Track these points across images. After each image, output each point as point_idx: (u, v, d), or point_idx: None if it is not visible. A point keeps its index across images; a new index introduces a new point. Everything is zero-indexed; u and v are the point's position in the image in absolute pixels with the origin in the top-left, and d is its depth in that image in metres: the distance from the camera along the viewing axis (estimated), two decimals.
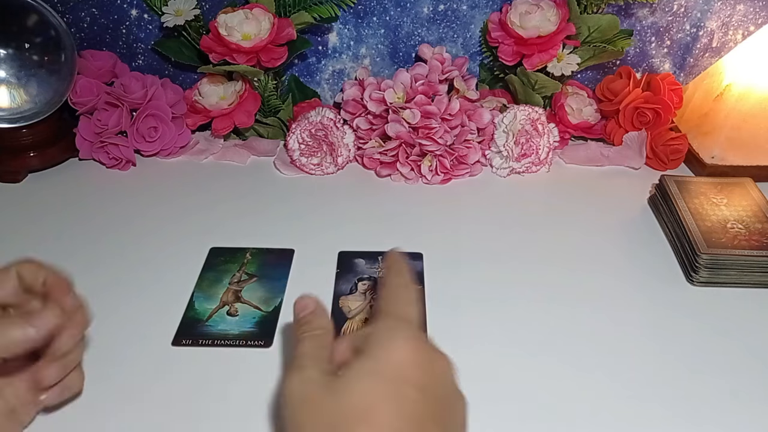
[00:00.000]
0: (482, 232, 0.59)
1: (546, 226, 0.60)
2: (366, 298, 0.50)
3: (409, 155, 0.65)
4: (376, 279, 0.52)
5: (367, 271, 0.53)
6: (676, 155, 0.67)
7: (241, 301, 0.51)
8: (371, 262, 0.54)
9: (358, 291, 0.51)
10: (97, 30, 0.70)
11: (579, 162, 0.70)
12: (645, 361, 0.46)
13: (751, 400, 0.43)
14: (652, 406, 0.42)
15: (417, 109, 0.62)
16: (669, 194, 0.59)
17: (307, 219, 0.60)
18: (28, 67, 0.62)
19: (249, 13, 0.63)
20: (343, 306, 0.50)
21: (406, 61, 0.73)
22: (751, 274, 0.52)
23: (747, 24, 0.71)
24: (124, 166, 0.67)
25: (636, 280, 0.53)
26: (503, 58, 0.67)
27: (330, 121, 0.66)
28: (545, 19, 0.64)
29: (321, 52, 0.73)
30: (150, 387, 0.43)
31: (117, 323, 0.48)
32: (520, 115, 0.65)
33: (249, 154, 0.70)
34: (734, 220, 0.55)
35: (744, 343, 0.47)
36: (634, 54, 0.74)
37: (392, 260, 0.40)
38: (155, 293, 0.52)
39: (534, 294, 0.52)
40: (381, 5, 0.69)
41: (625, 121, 0.68)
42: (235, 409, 0.42)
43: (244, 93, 0.67)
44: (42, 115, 0.62)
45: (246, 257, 0.55)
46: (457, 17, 0.71)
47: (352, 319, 0.49)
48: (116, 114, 0.65)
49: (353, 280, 0.52)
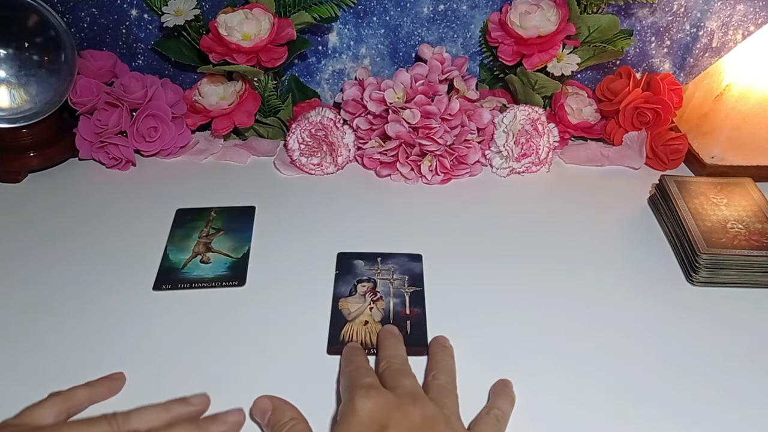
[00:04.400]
0: (482, 233, 0.59)
1: (546, 226, 0.60)
2: (366, 300, 0.50)
3: (409, 155, 0.65)
4: (376, 281, 0.52)
5: (366, 273, 0.53)
6: (676, 155, 0.67)
7: (212, 251, 0.55)
8: (370, 263, 0.54)
9: (357, 293, 0.51)
10: (97, 30, 0.70)
11: (579, 162, 0.70)
12: (645, 360, 0.46)
13: (751, 400, 0.43)
14: (652, 405, 0.42)
15: (417, 109, 0.62)
16: (669, 194, 0.59)
17: (307, 219, 0.60)
18: (28, 67, 0.62)
19: (249, 13, 0.63)
20: (343, 308, 0.50)
21: (406, 61, 0.73)
22: (751, 274, 0.52)
23: (747, 24, 0.71)
24: (124, 166, 0.67)
25: (636, 280, 0.53)
26: (503, 58, 0.67)
27: (330, 121, 0.66)
28: (545, 19, 0.64)
29: (321, 52, 0.73)
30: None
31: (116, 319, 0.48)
32: (520, 115, 0.65)
33: (249, 154, 0.70)
34: (734, 220, 0.55)
35: (744, 343, 0.47)
36: (634, 54, 0.74)
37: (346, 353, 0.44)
38: None
39: (534, 294, 0.52)
40: (381, 5, 0.69)
41: (625, 121, 0.68)
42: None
43: (244, 93, 0.67)
44: (42, 115, 0.62)
45: (211, 215, 0.60)
46: (457, 17, 0.71)
47: (351, 322, 0.48)
48: (116, 114, 0.65)
49: (352, 281, 0.52)
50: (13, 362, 0.45)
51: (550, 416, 0.42)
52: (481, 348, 0.46)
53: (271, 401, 0.40)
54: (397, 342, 0.45)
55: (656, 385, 0.44)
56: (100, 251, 0.56)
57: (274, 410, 0.39)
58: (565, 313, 0.50)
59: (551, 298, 0.51)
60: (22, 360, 0.45)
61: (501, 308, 0.50)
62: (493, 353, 0.46)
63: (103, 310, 0.50)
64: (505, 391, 0.42)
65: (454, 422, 0.37)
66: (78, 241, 0.57)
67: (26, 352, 0.46)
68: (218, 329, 0.48)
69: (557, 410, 0.42)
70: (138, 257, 0.55)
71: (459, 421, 0.38)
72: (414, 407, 0.36)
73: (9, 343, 0.46)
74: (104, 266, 0.54)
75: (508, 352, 0.46)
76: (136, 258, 0.55)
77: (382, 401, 0.37)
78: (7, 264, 0.54)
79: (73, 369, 0.44)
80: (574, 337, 0.48)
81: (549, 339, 0.47)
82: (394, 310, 0.49)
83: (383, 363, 0.42)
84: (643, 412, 0.42)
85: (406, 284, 0.52)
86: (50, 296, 0.51)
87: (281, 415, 0.39)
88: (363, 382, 0.39)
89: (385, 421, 0.35)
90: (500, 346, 0.46)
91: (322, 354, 0.46)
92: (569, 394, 0.43)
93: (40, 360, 0.45)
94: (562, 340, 0.47)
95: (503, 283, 0.53)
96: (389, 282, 0.52)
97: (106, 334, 0.47)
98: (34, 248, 0.56)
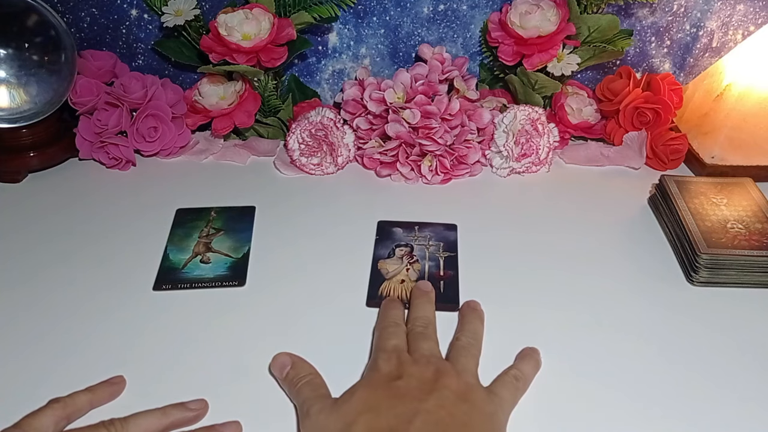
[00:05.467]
0: (482, 232, 0.59)
1: (546, 226, 0.60)
2: (403, 263, 0.54)
3: (409, 155, 0.65)
4: (413, 246, 0.57)
5: (404, 239, 0.57)
6: (676, 155, 0.67)
7: (212, 251, 0.55)
8: (408, 230, 0.59)
9: (395, 256, 0.55)
10: (97, 30, 0.70)
11: (579, 162, 0.70)
12: (645, 360, 0.46)
13: (751, 400, 0.43)
14: (652, 405, 0.42)
15: (417, 109, 0.62)
16: (669, 194, 0.59)
17: (307, 219, 0.60)
18: (28, 67, 0.62)
19: (249, 13, 0.63)
20: (381, 268, 0.54)
21: (406, 61, 0.73)
22: (751, 274, 0.52)
23: (747, 24, 0.71)
24: (124, 166, 0.67)
25: (636, 280, 0.53)
26: (503, 58, 0.67)
27: (330, 121, 0.66)
28: (545, 19, 0.64)
29: (321, 52, 0.73)
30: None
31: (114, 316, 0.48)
32: (520, 115, 0.65)
33: (249, 154, 0.70)
34: (734, 220, 0.55)
35: (744, 343, 0.47)
36: (634, 54, 0.74)
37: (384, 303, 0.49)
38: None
39: (533, 294, 0.52)
40: (381, 5, 0.69)
41: (625, 121, 0.68)
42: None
43: (244, 93, 0.67)
44: (42, 115, 0.62)
45: (211, 215, 0.60)
46: (457, 17, 0.71)
47: (389, 280, 0.53)
48: (116, 114, 0.65)
49: (391, 246, 0.57)
50: (12, 362, 0.45)
51: (550, 416, 0.42)
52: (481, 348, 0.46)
53: (291, 357, 0.43)
54: (426, 302, 0.48)
55: (656, 385, 0.44)
56: (100, 251, 0.56)
57: (294, 365, 0.42)
58: (564, 312, 0.50)
59: (550, 297, 0.51)
60: (21, 360, 0.45)
61: (500, 307, 0.50)
62: (492, 353, 0.46)
63: (103, 310, 0.50)
64: (530, 354, 0.45)
65: (467, 377, 0.40)
66: (78, 241, 0.57)
67: (26, 352, 0.46)
68: (218, 329, 0.48)
69: (557, 410, 0.42)
70: (138, 257, 0.55)
71: (474, 377, 0.41)
72: (428, 365, 0.40)
73: (9, 343, 0.46)
74: (104, 266, 0.54)
75: (507, 352, 0.46)
76: (136, 258, 0.55)
77: (401, 361, 0.41)
78: (7, 264, 0.54)
79: (73, 369, 0.44)
80: (573, 337, 0.48)
81: (548, 339, 0.47)
82: (429, 271, 0.54)
83: (410, 324, 0.46)
84: (643, 412, 0.42)
85: (441, 250, 0.56)
86: (50, 296, 0.51)
87: (300, 370, 0.42)
88: (389, 345, 0.43)
89: (401, 372, 0.39)
90: (499, 345, 0.46)
91: (362, 306, 0.50)
92: (569, 393, 0.43)
93: (39, 360, 0.45)
94: (560, 340, 0.47)
95: (503, 282, 0.53)
96: (425, 247, 0.56)
97: (106, 334, 0.47)
98: (34, 248, 0.56)
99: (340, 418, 0.37)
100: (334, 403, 0.39)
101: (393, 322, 0.46)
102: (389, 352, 0.42)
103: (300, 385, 0.41)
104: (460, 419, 0.37)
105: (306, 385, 0.41)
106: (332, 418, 0.37)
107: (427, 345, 0.43)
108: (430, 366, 0.40)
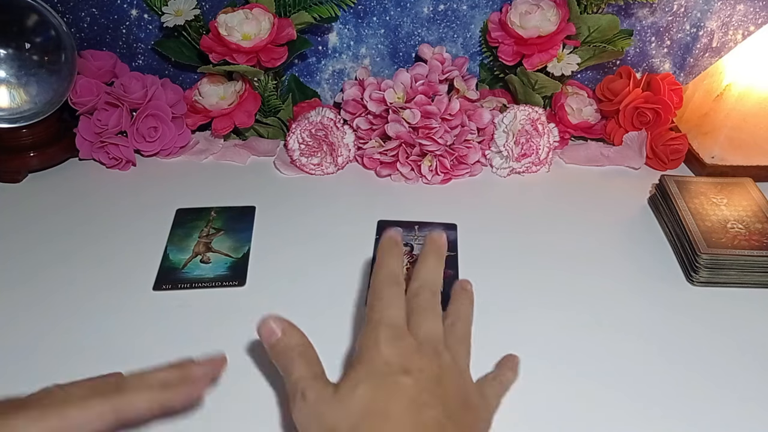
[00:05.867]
0: (482, 232, 0.59)
1: (546, 226, 0.60)
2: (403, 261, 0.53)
3: (409, 155, 0.65)
4: (413, 245, 0.57)
5: (404, 239, 0.57)
6: (676, 155, 0.67)
7: (212, 251, 0.55)
8: (408, 230, 0.59)
9: None
10: (97, 30, 0.70)
11: (579, 162, 0.70)
12: (645, 360, 0.46)
13: (751, 400, 0.43)
14: (652, 405, 0.42)
15: (417, 109, 0.62)
16: (669, 194, 0.59)
17: (307, 219, 0.60)
18: (28, 67, 0.62)
19: (249, 13, 0.63)
20: None
21: (406, 61, 0.73)
22: (751, 274, 0.52)
23: (747, 24, 0.71)
24: (124, 166, 0.67)
25: (636, 280, 0.53)
26: (503, 58, 0.67)
27: (330, 121, 0.66)
28: (545, 19, 0.64)
29: (321, 52, 0.73)
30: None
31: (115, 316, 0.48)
32: (520, 115, 0.65)
33: (249, 154, 0.70)
34: (734, 220, 0.55)
35: (744, 343, 0.47)
36: (634, 54, 0.74)
37: (380, 253, 0.42)
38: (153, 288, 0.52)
39: (533, 294, 0.52)
40: (381, 5, 0.69)
41: (625, 121, 0.68)
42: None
43: (244, 93, 0.67)
44: (42, 115, 0.62)
45: (211, 215, 0.60)
46: (457, 17, 0.71)
47: None
48: (116, 114, 0.65)
49: None
50: (12, 362, 0.45)
51: (550, 416, 0.42)
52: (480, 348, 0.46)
53: (281, 323, 0.38)
54: (436, 260, 0.42)
55: (656, 385, 0.44)
56: (100, 251, 0.56)
57: (284, 332, 0.38)
58: (564, 312, 0.50)
59: (550, 297, 0.51)
60: (21, 360, 0.45)
61: (500, 308, 0.50)
62: (492, 353, 0.46)
63: (103, 310, 0.50)
64: (509, 364, 0.44)
65: (467, 376, 0.39)
66: (78, 240, 0.57)
67: (26, 351, 0.46)
68: (218, 329, 0.48)
69: (557, 410, 0.42)
70: (138, 257, 0.55)
71: (469, 375, 0.39)
72: (434, 358, 0.37)
73: (9, 343, 0.46)
74: (104, 266, 0.54)
75: (507, 352, 0.46)
76: (137, 258, 0.55)
77: (405, 347, 0.37)
78: (7, 264, 0.54)
79: (73, 369, 0.44)
80: (573, 337, 0.48)
81: (547, 339, 0.47)
82: None
83: (415, 284, 0.41)
84: (643, 412, 0.42)
85: None
86: (50, 296, 0.51)
87: (291, 339, 0.38)
88: (390, 317, 0.38)
89: (407, 366, 0.36)
90: (498, 346, 0.46)
91: (362, 306, 0.50)
92: (569, 393, 0.43)
93: (39, 360, 0.45)
94: (560, 340, 0.47)
95: (503, 282, 0.53)
96: None
97: (106, 334, 0.47)
98: (34, 248, 0.56)
99: (343, 417, 0.34)
100: (334, 392, 0.35)
101: (393, 279, 0.40)
102: (391, 327, 0.37)
103: (292, 356, 0.37)
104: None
105: (299, 359, 0.37)
106: (333, 413, 0.34)
107: (431, 326, 0.39)
108: (435, 360, 0.37)
